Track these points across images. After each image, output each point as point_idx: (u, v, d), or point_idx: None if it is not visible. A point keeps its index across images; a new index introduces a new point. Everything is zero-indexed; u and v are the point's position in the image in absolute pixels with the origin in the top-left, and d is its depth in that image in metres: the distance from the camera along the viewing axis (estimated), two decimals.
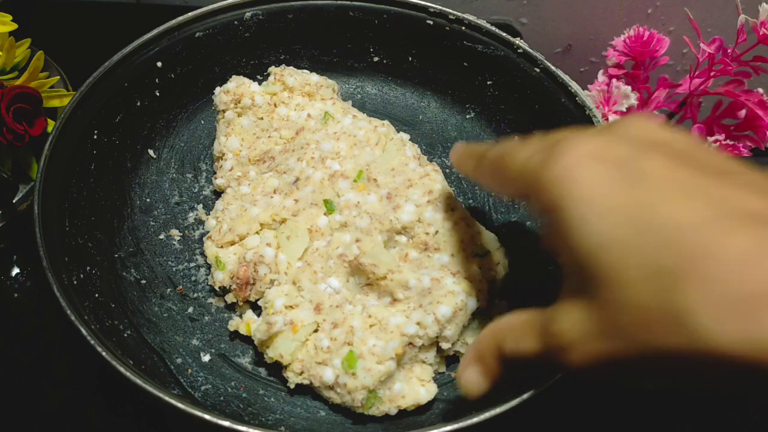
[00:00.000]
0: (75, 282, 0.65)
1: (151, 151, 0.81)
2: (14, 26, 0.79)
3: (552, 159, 0.45)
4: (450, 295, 0.64)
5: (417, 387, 0.64)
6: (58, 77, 0.85)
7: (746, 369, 0.36)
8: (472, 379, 0.54)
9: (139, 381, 0.56)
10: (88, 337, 0.57)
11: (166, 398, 0.55)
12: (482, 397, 0.54)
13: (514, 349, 0.51)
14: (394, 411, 0.63)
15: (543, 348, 0.48)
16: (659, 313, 0.38)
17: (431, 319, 0.62)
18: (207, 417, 0.54)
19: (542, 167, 0.46)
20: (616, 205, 0.41)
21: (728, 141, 0.81)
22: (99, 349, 0.57)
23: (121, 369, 0.56)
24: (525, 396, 0.57)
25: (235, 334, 0.69)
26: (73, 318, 0.58)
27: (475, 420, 0.56)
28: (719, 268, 0.37)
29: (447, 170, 0.83)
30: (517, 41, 0.82)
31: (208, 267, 0.72)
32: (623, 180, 0.42)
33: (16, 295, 0.77)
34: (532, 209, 0.48)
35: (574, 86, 0.78)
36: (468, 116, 0.88)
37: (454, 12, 0.85)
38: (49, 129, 0.78)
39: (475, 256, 0.67)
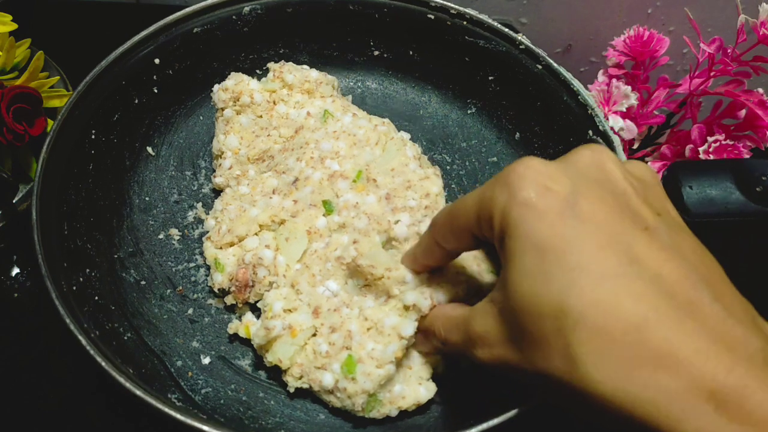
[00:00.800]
0: (74, 288, 0.65)
1: (149, 149, 0.80)
2: (14, 26, 0.79)
3: (505, 185, 0.47)
4: (448, 284, 0.63)
5: (416, 387, 0.64)
6: (58, 77, 0.85)
7: (619, 416, 0.41)
8: (419, 342, 0.63)
9: (138, 392, 0.56)
10: (88, 347, 0.58)
11: (166, 409, 0.55)
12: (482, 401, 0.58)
13: (445, 338, 0.58)
14: (395, 413, 0.63)
15: (462, 341, 0.54)
16: (556, 348, 0.43)
17: (428, 304, 0.61)
18: (205, 428, 0.55)
19: (496, 192, 0.48)
20: (544, 239, 0.44)
21: (728, 141, 0.81)
22: (98, 359, 0.57)
23: (121, 379, 0.56)
24: (525, 405, 0.57)
25: (235, 336, 0.69)
26: (72, 327, 0.59)
27: (475, 429, 0.56)
28: (613, 325, 0.41)
29: (447, 167, 0.83)
30: (520, 37, 0.82)
31: (208, 267, 0.72)
32: (558, 215, 0.45)
33: (16, 295, 0.77)
34: (486, 239, 0.51)
35: (576, 84, 0.78)
36: (469, 111, 0.87)
37: (456, 6, 0.84)
38: (49, 129, 0.78)
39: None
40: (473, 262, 0.65)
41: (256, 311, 0.69)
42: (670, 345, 0.40)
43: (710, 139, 0.81)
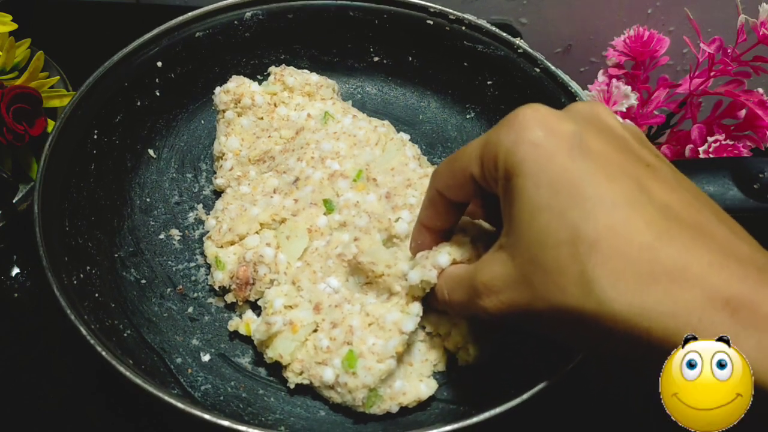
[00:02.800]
0: (75, 282, 0.65)
1: (151, 151, 0.81)
2: (14, 26, 0.79)
3: (511, 127, 0.48)
4: (447, 247, 0.60)
5: (417, 383, 0.64)
6: (58, 77, 0.85)
7: (635, 335, 0.42)
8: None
9: (139, 381, 0.56)
10: (88, 337, 0.57)
11: (166, 398, 0.55)
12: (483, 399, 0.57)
13: (449, 299, 0.58)
14: (395, 409, 0.62)
15: (467, 298, 0.54)
16: (571, 276, 0.44)
17: (434, 273, 0.59)
18: (207, 417, 0.54)
19: (501, 134, 0.48)
20: (555, 174, 0.45)
21: (728, 141, 0.81)
22: (99, 348, 0.57)
23: (121, 369, 0.56)
24: (524, 396, 0.57)
25: (235, 334, 0.69)
26: (72, 318, 0.58)
27: (474, 420, 0.56)
28: (628, 246, 0.42)
29: None
30: (518, 41, 0.82)
31: (208, 267, 0.72)
32: (567, 152, 0.46)
33: (16, 295, 0.77)
34: (487, 184, 0.52)
35: (574, 86, 0.78)
36: (468, 116, 0.88)
37: (454, 12, 0.85)
38: (49, 129, 0.78)
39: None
40: (472, 223, 0.63)
41: (257, 309, 0.69)
42: (683, 260, 0.42)
43: (710, 139, 0.81)
